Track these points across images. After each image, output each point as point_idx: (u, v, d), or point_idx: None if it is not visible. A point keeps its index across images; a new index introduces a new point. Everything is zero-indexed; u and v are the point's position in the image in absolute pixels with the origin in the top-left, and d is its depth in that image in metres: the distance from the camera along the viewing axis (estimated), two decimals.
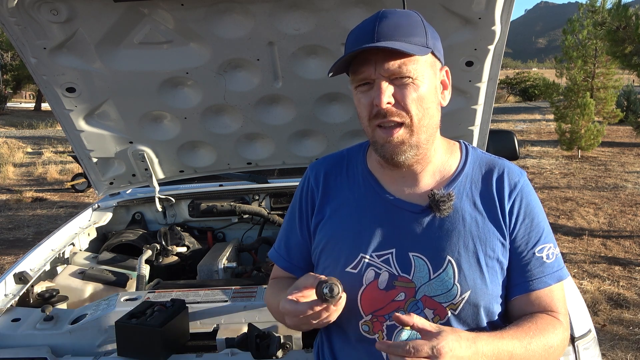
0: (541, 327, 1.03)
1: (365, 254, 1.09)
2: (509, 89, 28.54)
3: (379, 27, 1.01)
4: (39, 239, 3.17)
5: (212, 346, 1.66)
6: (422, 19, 1.07)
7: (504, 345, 0.97)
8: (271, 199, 2.91)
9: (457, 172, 1.13)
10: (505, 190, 1.10)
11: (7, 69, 26.52)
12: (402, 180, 1.12)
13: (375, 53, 1.01)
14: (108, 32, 1.78)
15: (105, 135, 2.22)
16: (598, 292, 4.32)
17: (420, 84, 1.03)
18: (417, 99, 1.03)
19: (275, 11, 1.74)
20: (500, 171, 1.13)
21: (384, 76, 1.02)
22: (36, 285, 2.02)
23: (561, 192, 7.86)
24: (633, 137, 12.92)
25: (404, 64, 1.01)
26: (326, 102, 2.17)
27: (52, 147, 14.00)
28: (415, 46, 1.01)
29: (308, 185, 1.23)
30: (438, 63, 1.09)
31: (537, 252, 1.08)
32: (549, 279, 1.08)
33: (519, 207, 1.09)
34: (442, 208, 1.07)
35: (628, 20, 6.72)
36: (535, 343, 1.00)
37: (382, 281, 1.08)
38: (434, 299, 1.06)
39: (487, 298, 1.06)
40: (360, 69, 1.04)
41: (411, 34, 1.02)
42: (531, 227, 1.09)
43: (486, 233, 1.07)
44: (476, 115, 2.13)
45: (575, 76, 11.84)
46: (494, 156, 1.18)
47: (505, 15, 1.73)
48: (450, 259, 1.05)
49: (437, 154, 1.13)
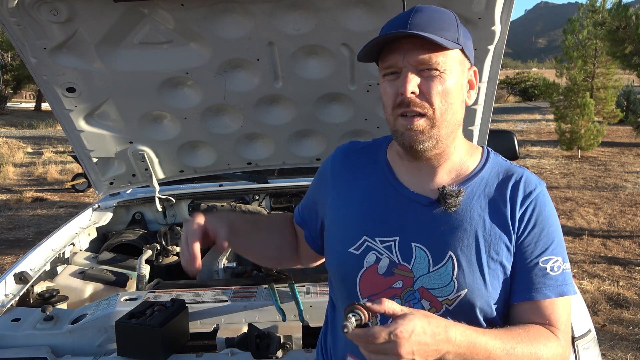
0: (532, 335, 1.01)
1: (368, 237, 1.10)
2: (509, 89, 28.54)
3: (412, 19, 1.02)
4: (39, 239, 3.17)
5: (212, 346, 1.66)
6: (456, 18, 1.08)
7: (482, 340, 0.95)
8: (271, 199, 2.91)
9: (474, 173, 1.13)
10: (519, 196, 1.09)
11: (7, 69, 26.51)
12: (418, 173, 1.13)
13: (406, 42, 1.02)
14: (108, 32, 1.78)
15: (105, 135, 2.22)
16: (598, 292, 4.32)
17: (447, 77, 1.03)
18: (442, 92, 1.03)
19: (275, 11, 1.74)
20: (517, 178, 1.12)
21: (411, 65, 1.02)
22: (36, 285, 2.02)
23: (561, 192, 7.86)
24: (633, 137, 12.92)
25: (434, 55, 1.01)
26: (326, 102, 2.17)
27: (52, 147, 14.00)
28: (445, 40, 1.01)
29: (327, 166, 1.27)
30: (467, 62, 1.09)
31: (541, 262, 1.06)
32: (549, 291, 1.05)
33: (530, 215, 1.08)
34: (448, 202, 1.07)
35: (628, 20, 6.73)
36: (520, 349, 0.98)
37: (381, 266, 1.09)
38: (431, 292, 1.06)
39: (484, 299, 1.05)
40: (388, 57, 1.04)
41: (443, 29, 1.03)
42: (540, 237, 1.07)
43: (492, 235, 1.06)
44: (476, 115, 2.13)
45: (575, 76, 11.84)
46: (516, 165, 1.17)
47: (505, 15, 1.73)
48: (451, 255, 1.05)
49: (457, 152, 1.13)
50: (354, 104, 2.17)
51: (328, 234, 1.20)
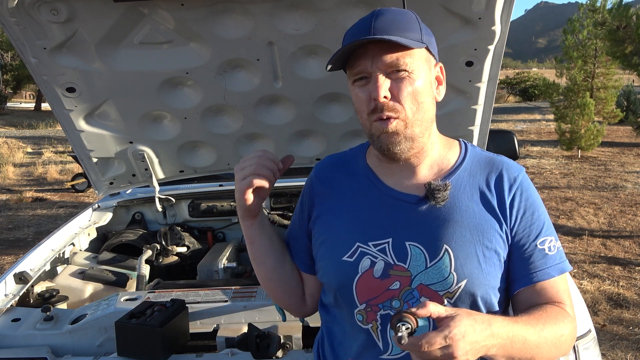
0: (552, 315, 1.04)
1: (361, 242, 1.11)
2: (509, 89, 28.53)
3: (375, 23, 1.04)
4: (39, 239, 3.17)
5: (212, 346, 1.66)
6: (416, 17, 1.10)
7: (518, 329, 0.97)
8: (271, 199, 2.91)
9: (456, 166, 1.15)
10: (504, 184, 1.12)
11: (7, 69, 26.51)
12: (400, 173, 1.14)
13: (372, 47, 1.03)
14: (108, 32, 1.78)
15: (105, 135, 2.22)
16: (598, 292, 4.32)
17: (416, 77, 1.05)
18: (413, 92, 1.05)
19: (275, 11, 1.74)
20: (499, 167, 1.15)
21: (380, 69, 1.04)
22: (36, 285, 2.03)
23: (561, 192, 7.86)
24: (633, 137, 12.92)
25: (401, 57, 1.03)
26: (326, 102, 2.17)
27: (52, 147, 14.00)
28: (411, 40, 1.03)
29: (310, 183, 1.27)
30: (432, 59, 1.12)
31: (539, 244, 1.09)
32: (552, 271, 1.09)
33: (519, 201, 1.11)
34: (437, 196, 1.08)
35: (628, 20, 6.73)
36: (547, 330, 1.01)
37: (377, 270, 1.09)
38: (430, 287, 1.07)
39: (484, 288, 1.07)
40: (356, 63, 1.06)
41: (406, 30, 1.04)
42: (532, 220, 1.10)
43: (484, 224, 1.08)
44: (476, 115, 2.14)
45: (575, 76, 11.84)
46: (493, 154, 1.20)
47: (505, 15, 1.73)
48: (447, 248, 1.06)
49: (435, 148, 1.15)
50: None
51: (321, 247, 1.19)
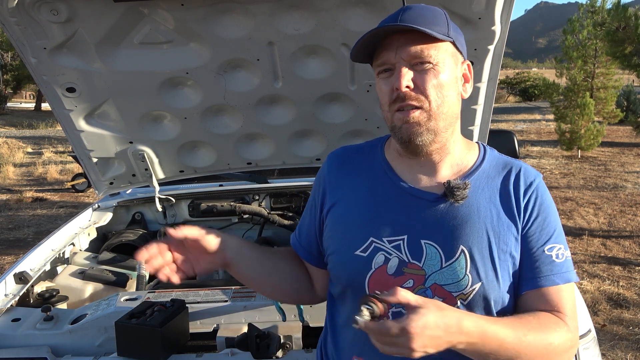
0: (542, 322, 1.02)
1: (375, 238, 1.09)
2: (509, 89, 28.55)
3: (402, 15, 1.04)
4: (39, 239, 3.17)
5: (212, 346, 1.66)
6: (446, 15, 1.09)
7: (493, 329, 0.96)
8: (271, 199, 2.91)
9: (475, 167, 1.14)
10: (521, 187, 1.11)
11: (7, 69, 26.54)
12: (420, 170, 1.13)
13: (397, 38, 1.03)
14: (108, 32, 1.78)
15: (105, 135, 2.22)
16: (598, 292, 4.32)
17: (440, 70, 1.04)
18: (437, 85, 1.04)
19: (275, 11, 1.74)
20: (517, 170, 1.14)
21: (404, 60, 1.03)
22: (36, 285, 2.03)
23: (561, 192, 7.86)
24: (633, 137, 12.92)
25: (425, 49, 1.03)
26: (326, 102, 2.17)
27: (52, 147, 14.00)
28: (436, 32, 1.02)
29: (322, 174, 1.25)
30: (459, 56, 1.10)
31: (546, 250, 1.08)
32: (556, 278, 1.07)
33: (533, 204, 1.10)
34: (456, 194, 1.07)
35: (628, 20, 6.73)
36: (531, 336, 0.99)
37: (391, 266, 1.08)
38: (444, 288, 1.05)
39: (498, 291, 1.06)
40: (381, 54, 1.06)
41: (433, 23, 1.04)
42: (543, 225, 1.09)
43: (500, 227, 1.07)
44: (476, 115, 2.13)
45: (575, 76, 11.85)
46: (511, 157, 1.19)
47: (505, 15, 1.73)
48: (463, 249, 1.05)
49: (457, 147, 1.14)
50: (354, 104, 2.17)
51: (332, 239, 1.17)
